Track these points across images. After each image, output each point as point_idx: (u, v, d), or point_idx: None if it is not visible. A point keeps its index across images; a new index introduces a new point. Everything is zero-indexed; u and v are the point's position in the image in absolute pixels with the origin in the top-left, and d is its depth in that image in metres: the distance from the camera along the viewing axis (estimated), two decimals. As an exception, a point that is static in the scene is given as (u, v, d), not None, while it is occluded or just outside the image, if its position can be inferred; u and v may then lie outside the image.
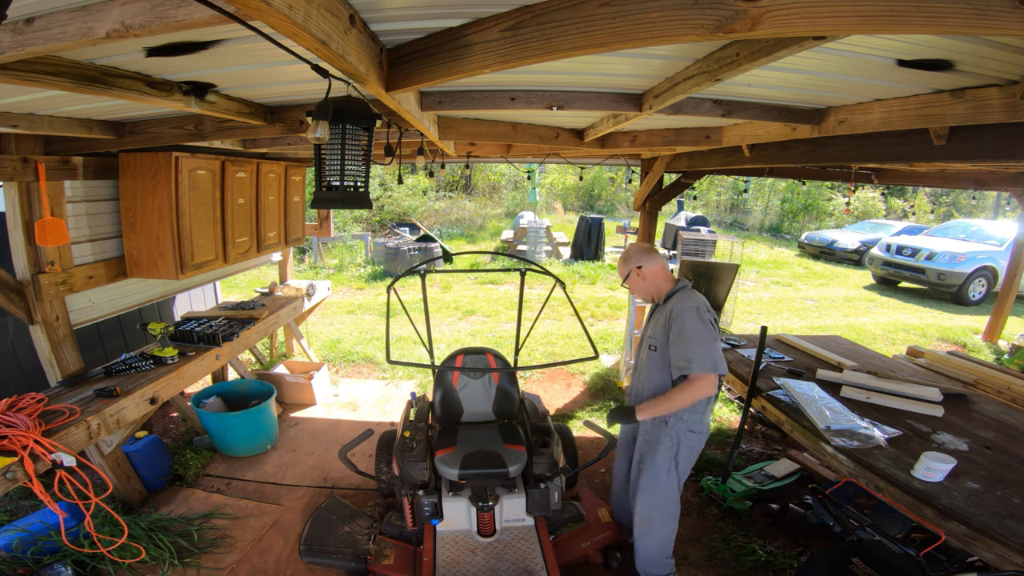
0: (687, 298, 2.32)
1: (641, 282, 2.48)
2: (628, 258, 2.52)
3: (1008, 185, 5.13)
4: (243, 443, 3.87)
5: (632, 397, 2.61)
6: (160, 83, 1.89)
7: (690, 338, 2.21)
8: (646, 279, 2.47)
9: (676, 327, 2.26)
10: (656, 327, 2.41)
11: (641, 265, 2.45)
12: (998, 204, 15.79)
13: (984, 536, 1.90)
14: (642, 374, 2.53)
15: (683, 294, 2.36)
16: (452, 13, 1.36)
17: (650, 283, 2.47)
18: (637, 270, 2.46)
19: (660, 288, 2.47)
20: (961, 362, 3.92)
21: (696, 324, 2.23)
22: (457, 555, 2.59)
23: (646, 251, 2.50)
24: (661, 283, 2.46)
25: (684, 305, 2.27)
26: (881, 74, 1.77)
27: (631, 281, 2.51)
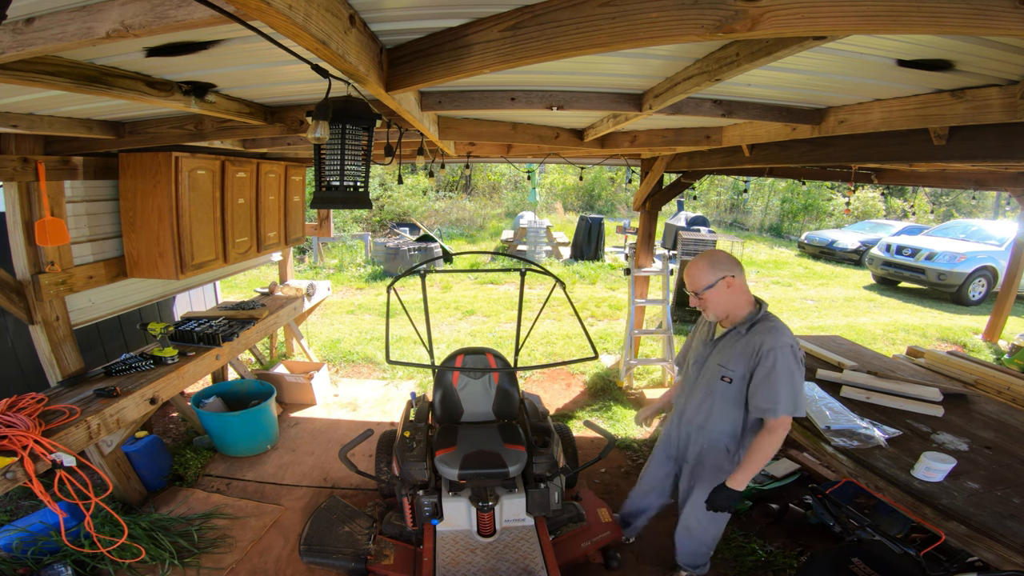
0: (779, 333, 2.04)
1: (727, 295, 2.12)
2: (716, 263, 2.11)
3: (1008, 185, 5.13)
4: (243, 443, 3.87)
5: (684, 425, 2.39)
6: (160, 83, 1.89)
7: (782, 380, 1.99)
8: (734, 293, 2.12)
9: (766, 365, 2.01)
10: (733, 357, 2.12)
11: (734, 275, 2.10)
12: (998, 204, 15.79)
13: (984, 536, 1.90)
14: (705, 404, 2.26)
15: (772, 326, 2.08)
16: (452, 13, 1.36)
17: (734, 299, 2.13)
18: (730, 279, 2.10)
19: (740, 308, 2.15)
20: (961, 362, 3.92)
21: (791, 366, 2.00)
22: (457, 555, 2.59)
23: (735, 261, 2.15)
24: (743, 302, 2.15)
25: (779, 342, 2.01)
26: (881, 74, 1.77)
27: (716, 292, 2.11)
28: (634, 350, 5.38)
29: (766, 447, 2.07)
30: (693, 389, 2.34)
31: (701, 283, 2.13)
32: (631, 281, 5.19)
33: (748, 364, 2.08)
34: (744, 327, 2.13)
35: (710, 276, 2.11)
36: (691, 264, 2.19)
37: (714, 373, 2.21)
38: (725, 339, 2.21)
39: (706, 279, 2.11)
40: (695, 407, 2.32)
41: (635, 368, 5.37)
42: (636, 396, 4.99)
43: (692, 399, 2.34)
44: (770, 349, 2.00)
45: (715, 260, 2.13)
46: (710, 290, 2.12)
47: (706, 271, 2.12)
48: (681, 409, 2.42)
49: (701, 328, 2.46)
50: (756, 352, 2.05)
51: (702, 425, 2.29)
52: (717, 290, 2.11)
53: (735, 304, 2.14)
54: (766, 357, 2.01)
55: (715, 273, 2.10)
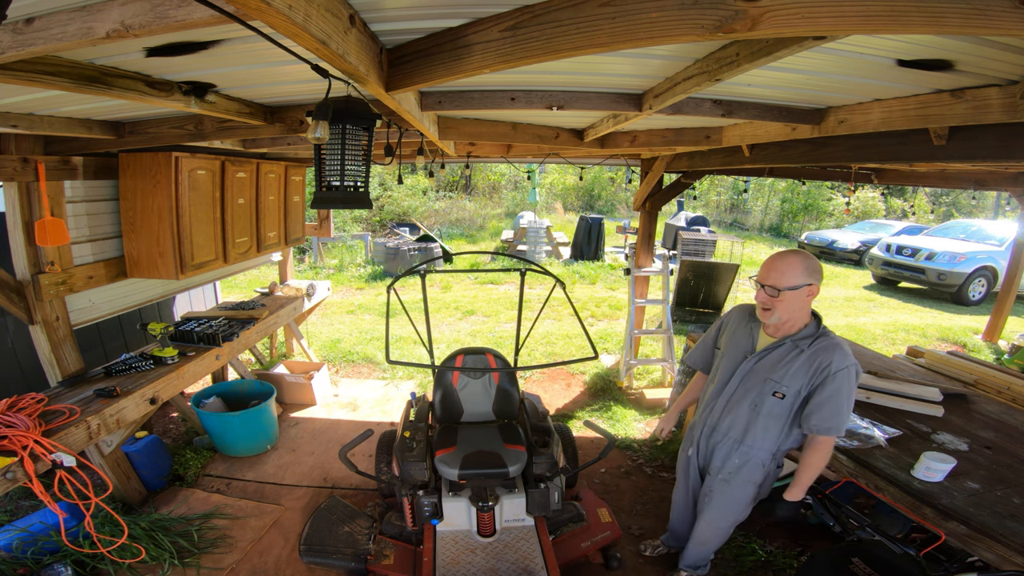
0: (846, 352, 1.95)
1: (802, 304, 1.98)
2: (811, 267, 1.95)
3: (1008, 185, 5.12)
4: (243, 443, 3.87)
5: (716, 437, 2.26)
6: (160, 83, 1.89)
7: (847, 402, 1.93)
8: (807, 304, 2.00)
9: (832, 386, 1.92)
10: (790, 373, 2.00)
11: (815, 284, 1.96)
12: (998, 204, 15.79)
13: (984, 536, 1.90)
14: (747, 419, 2.13)
15: (837, 344, 1.97)
16: (452, 13, 1.36)
17: (804, 310, 2.00)
18: (815, 289, 1.96)
19: (801, 320, 2.02)
20: (961, 362, 3.92)
21: (854, 388, 1.94)
22: (457, 555, 2.59)
23: (820, 269, 1.99)
24: (806, 314, 2.03)
25: (845, 362, 1.92)
26: (881, 74, 1.77)
27: (795, 296, 1.94)
28: (634, 350, 5.38)
29: (817, 460, 2.06)
30: (731, 402, 2.17)
31: (788, 281, 1.93)
32: (631, 281, 5.19)
33: (809, 381, 1.97)
34: (805, 342, 2.00)
35: (802, 277, 1.93)
36: (783, 258, 1.98)
37: (763, 388, 2.06)
38: (777, 352, 2.06)
39: (796, 278, 1.93)
40: (733, 421, 2.17)
41: (635, 368, 5.37)
42: (636, 396, 4.99)
43: (730, 414, 2.18)
44: (839, 369, 1.92)
45: (810, 263, 1.96)
46: (792, 292, 1.93)
47: (799, 271, 1.93)
48: (714, 422, 2.25)
49: (735, 333, 2.24)
50: (821, 370, 1.94)
51: (739, 439, 2.17)
52: (798, 295, 1.94)
53: (801, 314, 2.01)
54: (834, 377, 1.92)
55: (807, 276, 1.94)
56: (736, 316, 2.30)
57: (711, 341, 2.42)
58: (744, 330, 2.21)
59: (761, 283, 2.01)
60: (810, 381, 1.97)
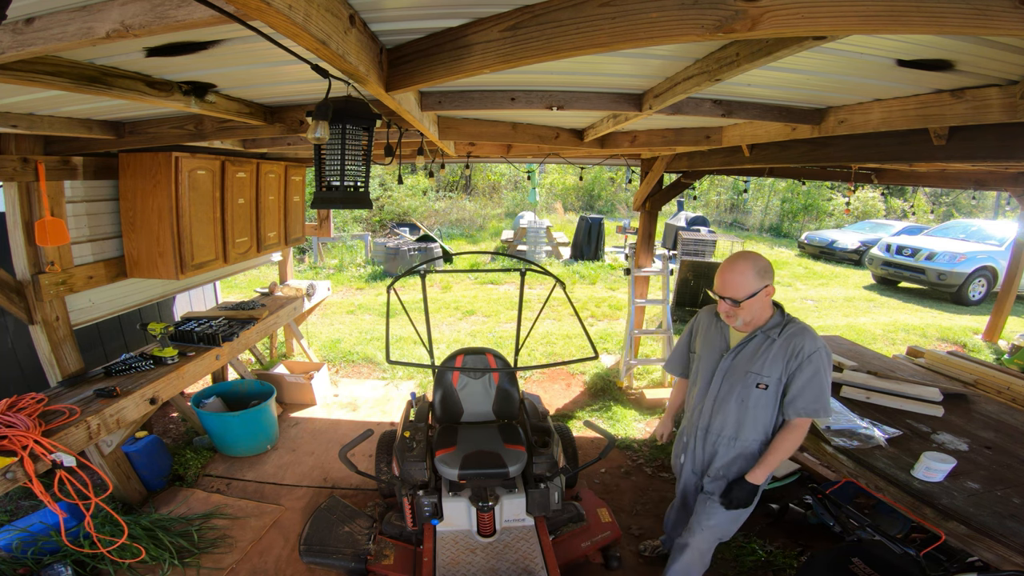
0: (814, 335, 2.01)
1: (763, 303, 2.01)
2: (762, 270, 1.97)
3: (1008, 185, 5.12)
4: (243, 443, 3.87)
5: (711, 438, 2.22)
6: (160, 83, 1.89)
7: (825, 382, 1.97)
8: (767, 301, 2.03)
9: (809, 369, 1.96)
10: (767, 363, 2.02)
11: (770, 284, 1.99)
12: (998, 204, 15.79)
13: (984, 536, 1.90)
14: (737, 415, 2.12)
15: (804, 328, 2.04)
16: (452, 13, 1.36)
17: (765, 306, 2.04)
18: (771, 288, 1.99)
19: (765, 313, 2.07)
20: (961, 362, 3.92)
21: (829, 368, 1.99)
22: (457, 555, 2.59)
23: (770, 267, 2.01)
24: (768, 307, 2.07)
25: (816, 345, 1.97)
26: (881, 74, 1.77)
27: (755, 301, 1.97)
28: (634, 350, 5.38)
29: (790, 443, 2.05)
30: (718, 401, 2.16)
31: (745, 290, 1.94)
32: (631, 281, 5.19)
33: (786, 368, 2.01)
34: (775, 331, 2.04)
35: (756, 282, 1.94)
36: (732, 268, 1.97)
37: (746, 381, 2.07)
38: (751, 345, 2.08)
39: (751, 285, 1.94)
40: (724, 420, 2.16)
41: (635, 368, 5.37)
42: (636, 396, 4.99)
43: (720, 413, 2.17)
44: (812, 352, 1.96)
45: (760, 266, 1.96)
46: (752, 299, 1.95)
47: (752, 278, 1.94)
48: (705, 424, 2.23)
49: (707, 334, 2.26)
50: (795, 355, 1.98)
51: (734, 436, 2.15)
52: (757, 299, 1.97)
53: (764, 310, 2.05)
54: (808, 360, 1.96)
55: (761, 279, 1.95)
56: (704, 318, 2.32)
57: (685, 346, 2.43)
58: (715, 330, 2.23)
59: (720, 295, 2.02)
60: (787, 367, 2.00)
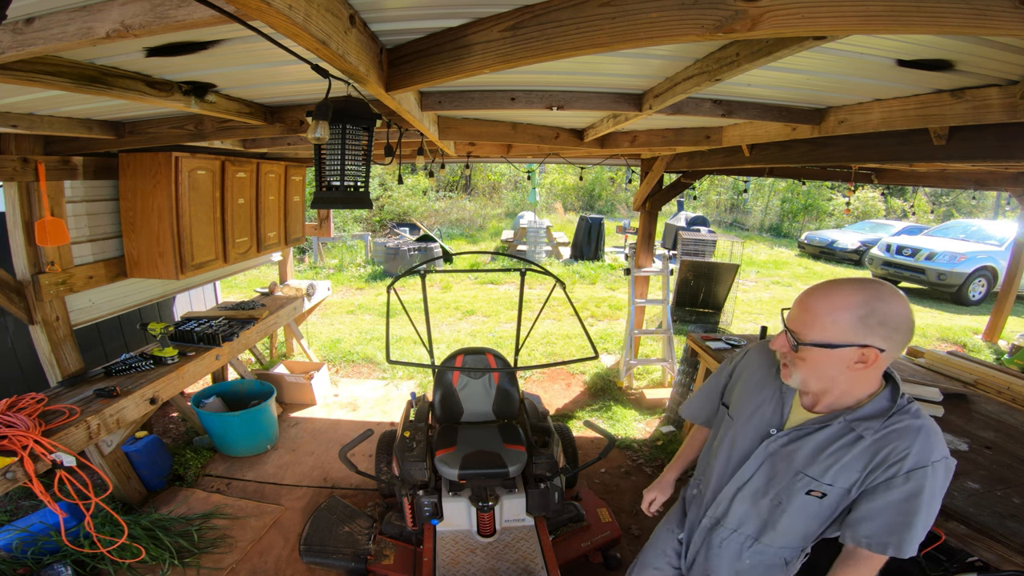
0: (931, 443, 1.22)
1: (849, 369, 1.22)
2: (868, 318, 1.16)
3: (1008, 185, 5.12)
4: (243, 443, 3.87)
5: (718, 530, 1.54)
6: (160, 83, 1.89)
7: (923, 511, 1.22)
8: (863, 373, 1.23)
9: (906, 488, 1.21)
10: (836, 467, 1.28)
11: (885, 349, 1.17)
12: (998, 204, 15.79)
13: (984, 536, 1.90)
14: (765, 514, 1.44)
15: (921, 426, 1.23)
16: (452, 13, 1.36)
17: (856, 380, 1.25)
18: (874, 354, 1.18)
19: (858, 390, 1.28)
20: (961, 362, 3.91)
21: (939, 494, 1.24)
22: (457, 555, 2.59)
23: (894, 321, 1.17)
24: (868, 384, 1.27)
25: (929, 455, 1.21)
26: (881, 74, 1.77)
27: (826, 360, 1.22)
28: (634, 350, 5.38)
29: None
30: (744, 493, 1.45)
31: (817, 332, 1.20)
32: (631, 281, 5.19)
33: (866, 476, 1.26)
34: (870, 425, 1.24)
35: (847, 331, 1.17)
36: (823, 294, 1.22)
37: (793, 483, 1.34)
38: (820, 435, 1.30)
39: (834, 331, 1.18)
40: (745, 516, 1.48)
41: (635, 368, 5.37)
42: (636, 396, 4.99)
43: (742, 504, 1.47)
44: (919, 465, 1.20)
45: (869, 311, 1.15)
46: (824, 352, 1.20)
47: (845, 320, 1.17)
48: (717, 515, 1.54)
49: (754, 391, 1.48)
50: (887, 463, 1.23)
51: (754, 536, 1.48)
52: (835, 359, 1.20)
53: (854, 385, 1.26)
54: (908, 477, 1.21)
55: (859, 332, 1.16)
56: (755, 364, 1.53)
57: (717, 393, 1.68)
58: (768, 388, 1.44)
59: (786, 325, 1.31)
60: (868, 477, 1.26)
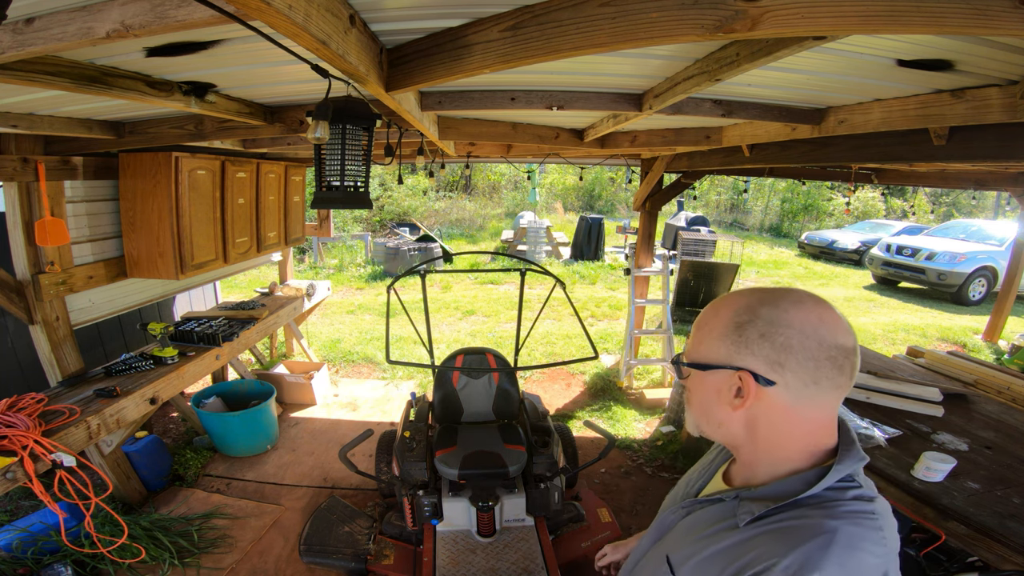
0: (832, 557, 0.68)
1: (725, 408, 0.82)
2: (741, 329, 0.79)
3: (1008, 185, 5.12)
4: (243, 443, 3.87)
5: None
6: (160, 83, 1.89)
7: None
8: (739, 408, 0.80)
9: None
10: (694, 555, 0.82)
11: (768, 379, 0.77)
12: (998, 204, 15.79)
13: (984, 536, 1.90)
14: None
15: (820, 528, 0.71)
16: (452, 13, 1.36)
17: (760, 429, 0.81)
18: (732, 378, 0.80)
19: (778, 450, 0.81)
20: (961, 362, 3.92)
21: None
22: (457, 555, 2.59)
23: (777, 333, 0.76)
24: (787, 441, 0.81)
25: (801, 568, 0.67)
26: (881, 74, 1.77)
27: (700, 385, 0.85)
28: (634, 350, 5.38)
29: None
30: (638, 565, 1.04)
31: (693, 349, 0.87)
32: (631, 281, 5.19)
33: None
34: (752, 509, 0.79)
35: (718, 347, 0.82)
36: (721, 297, 0.88)
37: (658, 565, 0.90)
38: (706, 511, 0.91)
39: (709, 348, 0.83)
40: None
41: (635, 368, 5.37)
42: (636, 396, 4.99)
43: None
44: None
45: (754, 320, 0.79)
46: (698, 376, 0.85)
47: (717, 331, 0.82)
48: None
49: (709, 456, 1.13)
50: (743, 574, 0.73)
51: None
52: (707, 383, 0.84)
53: (766, 444, 0.82)
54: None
55: (730, 349, 0.80)
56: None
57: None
58: (714, 453, 1.11)
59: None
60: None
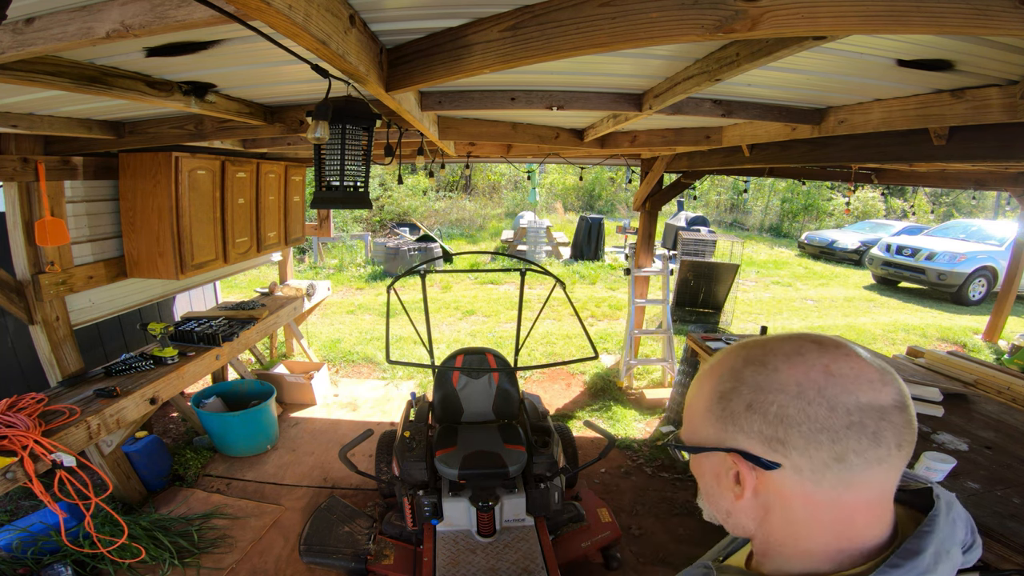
0: None
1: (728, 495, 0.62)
2: (725, 401, 0.59)
3: (1008, 185, 5.13)
4: (243, 443, 3.87)
5: None
6: (160, 83, 1.89)
7: None
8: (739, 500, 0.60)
9: None
10: None
11: (769, 462, 0.56)
12: (998, 204, 15.79)
13: (984, 536, 1.90)
14: None
15: None
16: (452, 13, 1.36)
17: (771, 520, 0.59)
18: (739, 466, 0.58)
19: (798, 542, 0.58)
20: (961, 362, 3.91)
21: None
22: (457, 555, 2.59)
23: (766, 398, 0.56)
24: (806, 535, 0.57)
25: None
26: (881, 74, 1.77)
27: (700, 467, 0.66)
28: (634, 350, 5.38)
29: None
30: None
31: (686, 427, 0.67)
32: (631, 281, 5.19)
33: None
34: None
35: (705, 424, 0.62)
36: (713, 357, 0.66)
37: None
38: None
39: (698, 427, 0.64)
40: None
41: (635, 368, 5.37)
42: (636, 396, 4.99)
43: None
44: None
45: (738, 388, 0.58)
46: (695, 460, 0.66)
47: (703, 404, 0.63)
48: None
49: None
50: None
51: None
52: (710, 471, 0.64)
53: (780, 535, 0.59)
54: None
55: (717, 425, 0.60)
56: None
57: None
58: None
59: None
60: None
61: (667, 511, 3.35)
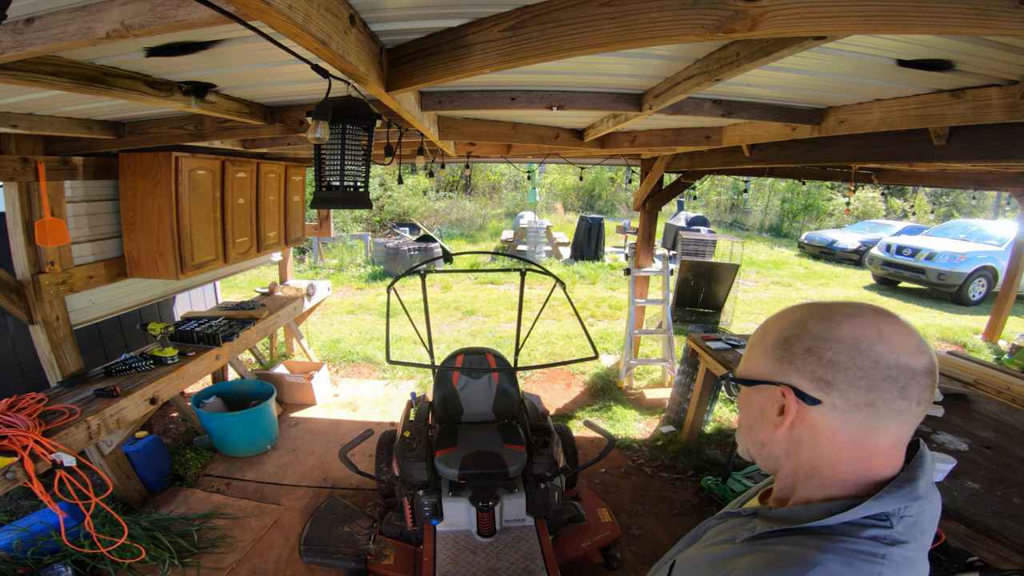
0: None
1: (771, 427, 0.75)
2: (788, 343, 0.73)
3: (1008, 185, 5.13)
4: (243, 443, 3.87)
5: None
6: (160, 83, 1.89)
7: None
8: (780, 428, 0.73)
9: None
10: (688, 562, 0.81)
11: (814, 398, 0.69)
12: (998, 204, 15.79)
13: (984, 536, 1.90)
14: None
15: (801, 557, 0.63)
16: (452, 13, 1.36)
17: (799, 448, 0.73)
18: (773, 394, 0.73)
19: (816, 474, 0.72)
20: (961, 362, 3.91)
21: None
22: (457, 555, 2.59)
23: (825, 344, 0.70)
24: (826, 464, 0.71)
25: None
26: (881, 74, 1.77)
27: (748, 400, 0.80)
28: (634, 350, 5.38)
29: None
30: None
31: (743, 364, 0.81)
32: (631, 281, 5.19)
33: None
34: (753, 527, 0.76)
35: (765, 362, 0.76)
36: (764, 322, 0.81)
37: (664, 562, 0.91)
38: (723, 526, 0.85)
39: (756, 362, 0.78)
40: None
41: (635, 368, 5.37)
42: (636, 396, 4.99)
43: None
44: None
45: (802, 335, 0.72)
46: (745, 393, 0.80)
47: (768, 345, 0.76)
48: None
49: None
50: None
51: None
52: (757, 404, 0.78)
53: (807, 464, 0.74)
54: None
55: (776, 364, 0.74)
56: None
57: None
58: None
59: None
60: None
61: (667, 511, 3.35)
